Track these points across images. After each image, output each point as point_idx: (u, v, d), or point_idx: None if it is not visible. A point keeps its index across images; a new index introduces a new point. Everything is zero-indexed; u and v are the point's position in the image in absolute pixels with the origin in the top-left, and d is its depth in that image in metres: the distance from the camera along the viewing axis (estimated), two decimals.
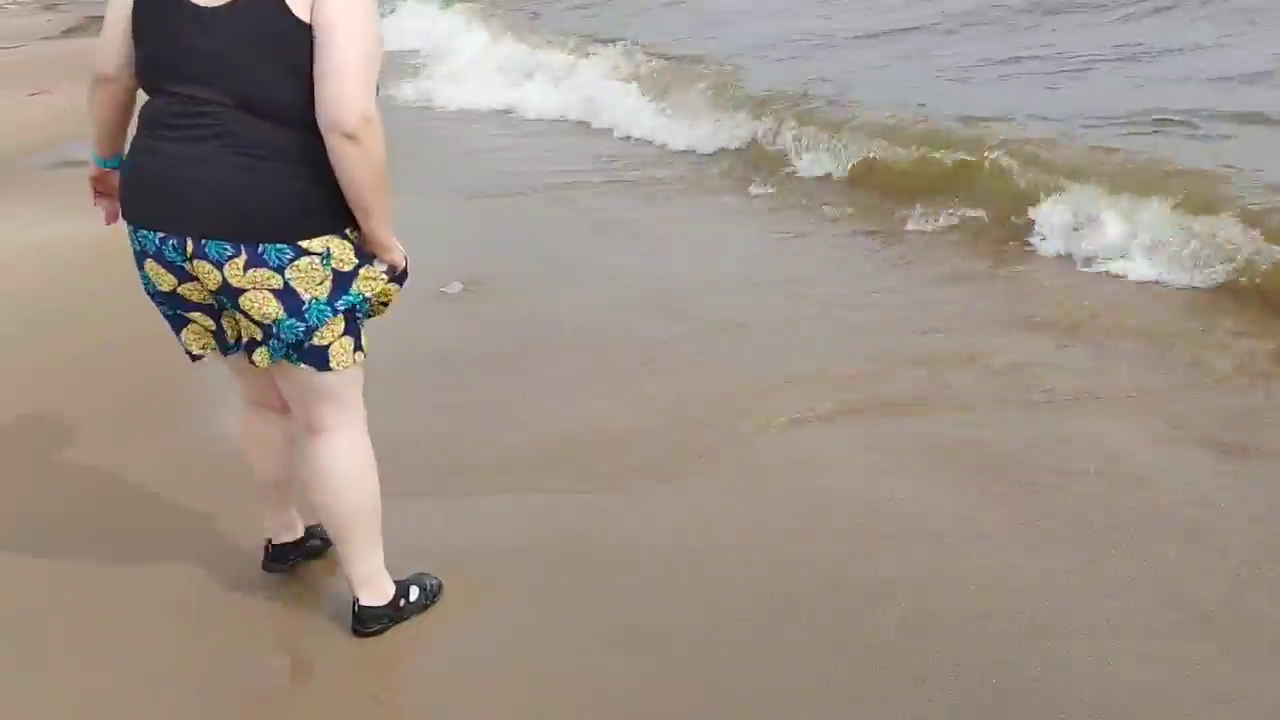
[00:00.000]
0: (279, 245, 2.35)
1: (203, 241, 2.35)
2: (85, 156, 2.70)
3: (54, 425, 4.14)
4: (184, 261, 2.39)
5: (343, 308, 2.47)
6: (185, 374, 3.25)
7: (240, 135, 2.33)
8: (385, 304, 2.66)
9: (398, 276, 2.56)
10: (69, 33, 17.35)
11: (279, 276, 2.37)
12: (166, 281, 2.46)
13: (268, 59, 2.31)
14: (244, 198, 2.34)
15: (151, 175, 2.42)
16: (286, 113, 2.31)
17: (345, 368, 2.53)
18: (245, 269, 2.35)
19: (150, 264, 2.45)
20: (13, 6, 23.82)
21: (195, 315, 2.55)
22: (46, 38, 17.18)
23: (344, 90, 2.25)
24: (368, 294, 2.51)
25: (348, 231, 2.43)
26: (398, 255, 2.51)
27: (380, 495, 2.71)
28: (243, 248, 2.34)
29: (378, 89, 2.36)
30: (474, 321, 4.98)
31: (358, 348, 2.56)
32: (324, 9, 2.27)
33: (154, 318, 2.68)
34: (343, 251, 2.43)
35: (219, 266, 2.36)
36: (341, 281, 2.45)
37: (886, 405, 3.95)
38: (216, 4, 2.31)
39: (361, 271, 2.48)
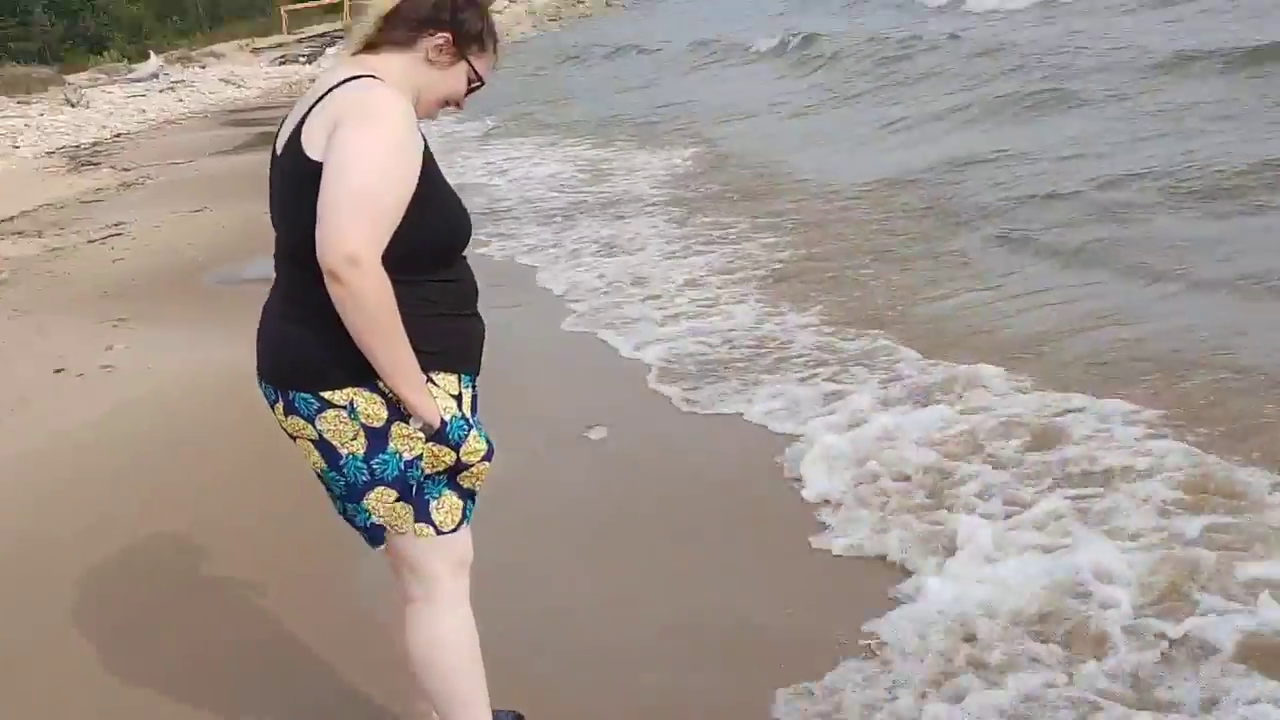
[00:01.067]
0: (304, 394, 2.31)
1: (262, 383, 2.41)
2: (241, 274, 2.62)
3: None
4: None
5: (382, 469, 2.33)
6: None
7: (286, 281, 2.38)
8: (469, 481, 2.45)
9: (441, 438, 2.33)
10: (240, 149, 18.09)
11: (312, 427, 2.33)
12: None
13: (297, 205, 2.25)
14: (279, 343, 2.37)
15: None
16: (313, 259, 2.18)
17: (405, 534, 2.42)
18: (285, 414, 2.36)
19: None
20: (187, 121, 25.15)
21: None
22: (219, 152, 17.94)
23: (327, 226, 2.13)
24: (409, 455, 2.34)
25: (380, 384, 2.27)
26: (426, 412, 2.30)
27: (472, 675, 2.54)
28: (279, 393, 2.35)
29: (428, 244, 2.28)
30: (616, 472, 4.70)
31: (422, 519, 2.41)
32: (330, 147, 2.18)
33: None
34: (369, 405, 2.30)
35: (273, 408, 2.39)
36: (375, 439, 2.31)
37: None
38: (280, 150, 2.32)
39: (394, 429, 2.32)
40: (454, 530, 2.46)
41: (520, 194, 11.65)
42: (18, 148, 21.64)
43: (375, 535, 2.45)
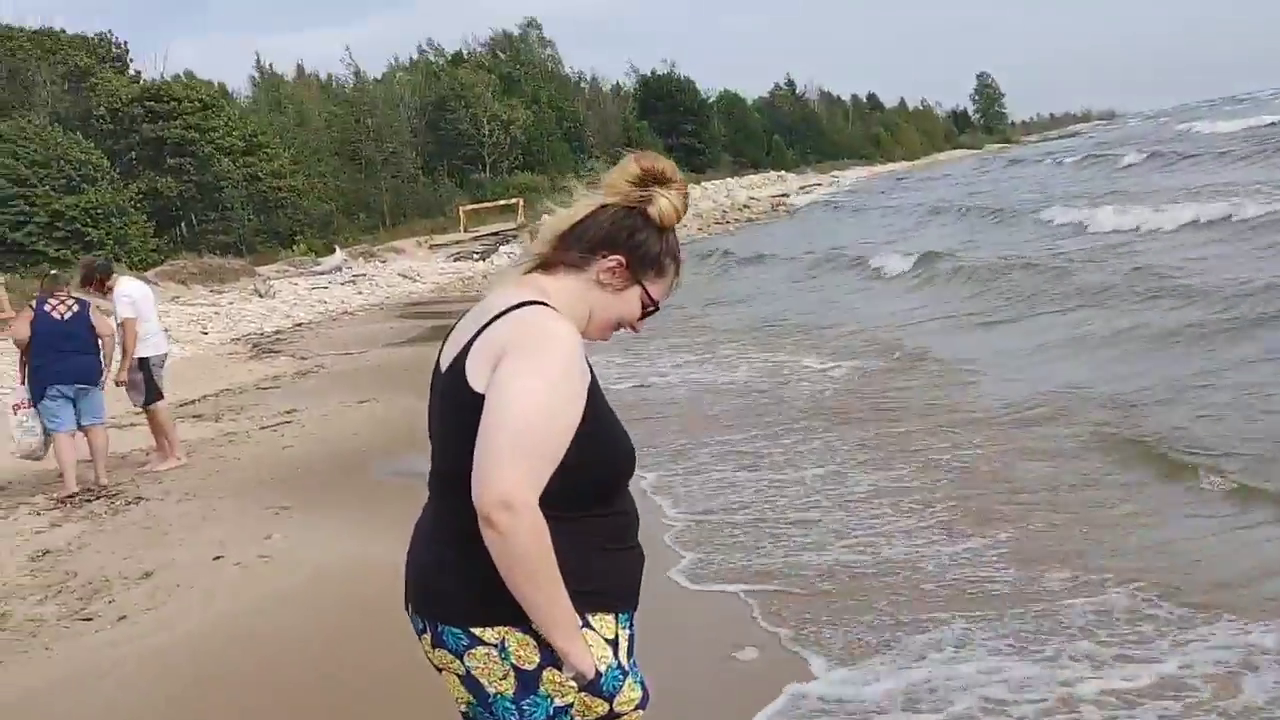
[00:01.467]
0: (453, 629, 2.21)
1: (409, 612, 2.33)
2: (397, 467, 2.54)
3: None
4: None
5: (531, 711, 2.19)
6: None
7: (440, 510, 2.29)
8: None
9: (594, 689, 2.19)
10: (410, 341, 18.76)
11: (459, 662, 2.23)
12: None
13: (455, 432, 2.19)
14: (429, 574, 2.27)
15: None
16: (468, 490, 2.10)
17: None
18: (433, 646, 2.27)
19: None
20: (364, 312, 26.33)
21: None
22: (391, 344, 18.62)
23: (484, 468, 2.06)
24: (559, 702, 2.19)
25: (532, 625, 2.16)
26: (581, 664, 2.16)
27: None
28: (427, 624, 2.26)
29: (596, 487, 2.21)
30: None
31: None
32: (494, 376, 2.12)
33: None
34: (522, 647, 2.18)
35: (420, 637, 2.31)
36: (526, 681, 2.19)
37: None
38: (444, 368, 2.27)
39: (545, 674, 2.19)
40: None
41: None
42: (206, 334, 22.92)
43: None
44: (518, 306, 2.21)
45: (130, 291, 9.95)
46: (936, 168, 67.64)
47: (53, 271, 11.23)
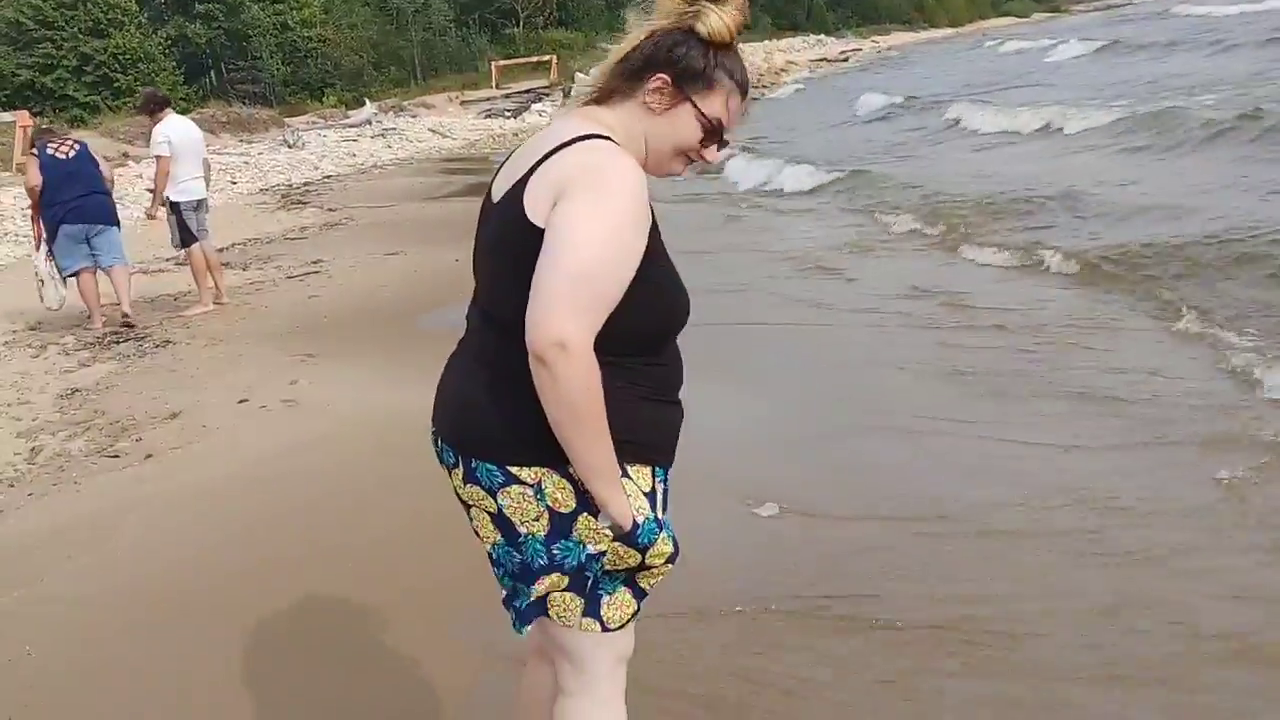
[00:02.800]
0: (489, 465, 2.16)
1: (440, 444, 2.29)
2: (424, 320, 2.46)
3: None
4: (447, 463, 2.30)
5: (562, 556, 2.16)
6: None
7: (482, 345, 2.23)
8: (647, 581, 2.28)
9: (630, 540, 2.15)
10: (441, 197, 18.59)
11: (491, 499, 2.18)
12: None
13: (510, 267, 2.10)
14: (466, 408, 2.21)
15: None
16: (517, 326, 2.01)
17: (570, 626, 2.24)
18: (465, 482, 2.22)
19: None
20: (393, 166, 26.09)
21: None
22: (420, 198, 18.45)
23: (541, 307, 1.96)
24: (591, 549, 2.16)
25: (572, 469, 2.10)
26: (619, 514, 2.11)
27: None
28: (460, 458, 2.21)
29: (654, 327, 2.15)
30: (789, 557, 4.37)
31: (591, 614, 2.24)
32: (554, 214, 2.02)
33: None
34: (559, 490, 2.13)
35: (450, 472, 2.27)
36: (559, 524, 2.14)
37: None
38: (497, 199, 2.18)
39: (580, 519, 2.14)
40: (620, 629, 2.28)
41: None
42: (235, 183, 22.79)
43: (526, 617, 2.27)
44: (581, 139, 2.10)
45: (170, 131, 9.84)
46: (965, 39, 64.90)
47: (48, 123, 11.20)
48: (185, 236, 9.98)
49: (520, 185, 2.10)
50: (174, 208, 9.94)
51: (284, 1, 48.90)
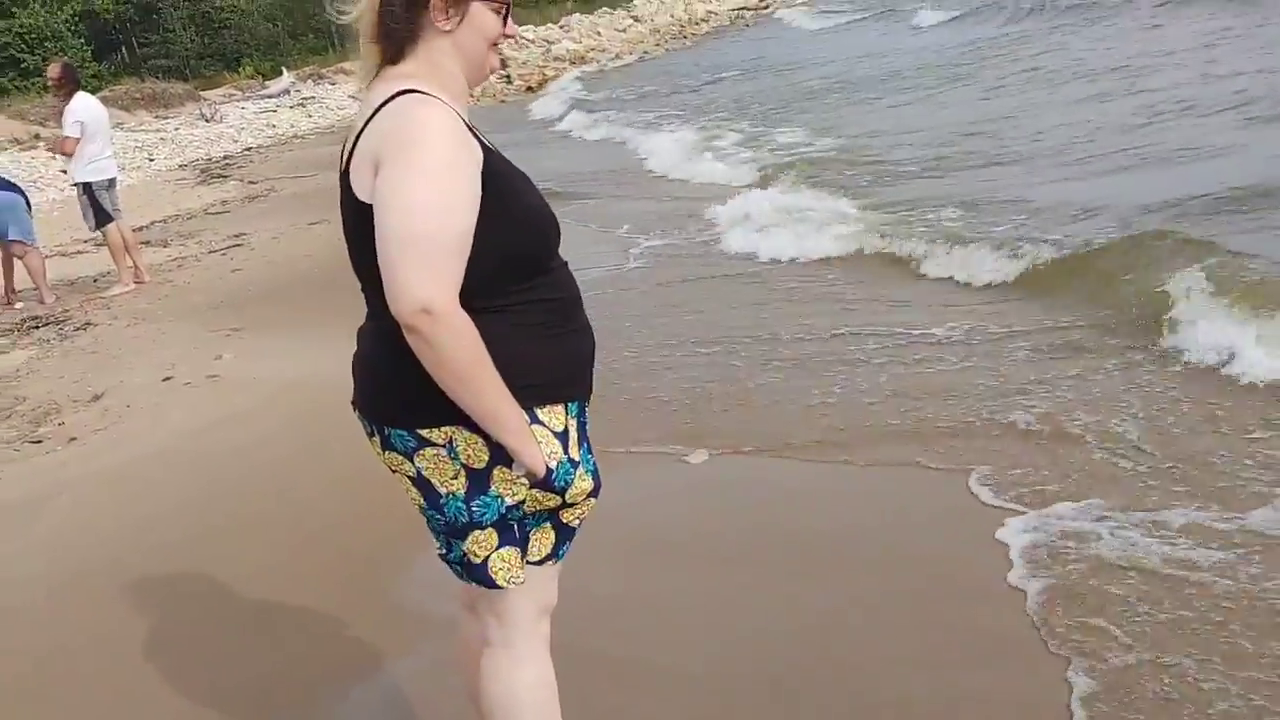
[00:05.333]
0: (399, 430, 2.16)
1: (356, 413, 2.28)
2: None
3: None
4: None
5: (482, 512, 2.17)
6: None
7: (373, 313, 2.20)
8: (571, 517, 2.29)
9: (546, 485, 2.16)
10: None
11: (409, 463, 2.18)
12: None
13: (355, 242, 2.12)
14: (371, 377, 2.22)
15: None
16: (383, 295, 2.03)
17: (515, 583, 2.25)
18: (383, 449, 2.22)
19: None
20: (315, 136, 25.71)
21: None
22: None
23: (392, 281, 1.97)
24: (511, 500, 2.17)
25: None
26: (530, 460, 2.11)
27: None
28: (375, 427, 2.21)
29: (507, 274, 2.11)
30: (716, 503, 4.42)
31: (528, 559, 2.27)
32: (376, 186, 2.03)
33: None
34: (470, 446, 2.12)
35: (370, 440, 2.26)
36: (476, 480, 2.15)
37: None
38: (339, 177, 2.16)
39: (496, 472, 2.14)
40: (539, 563, 2.29)
41: None
42: (152, 160, 22.39)
43: (474, 576, 2.27)
44: (385, 103, 2.08)
45: (81, 111, 9.63)
46: None
47: None
48: (100, 217, 9.79)
49: (347, 164, 2.11)
50: (86, 189, 9.75)
51: None
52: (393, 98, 2.08)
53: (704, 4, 54.15)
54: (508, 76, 33.02)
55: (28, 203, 9.90)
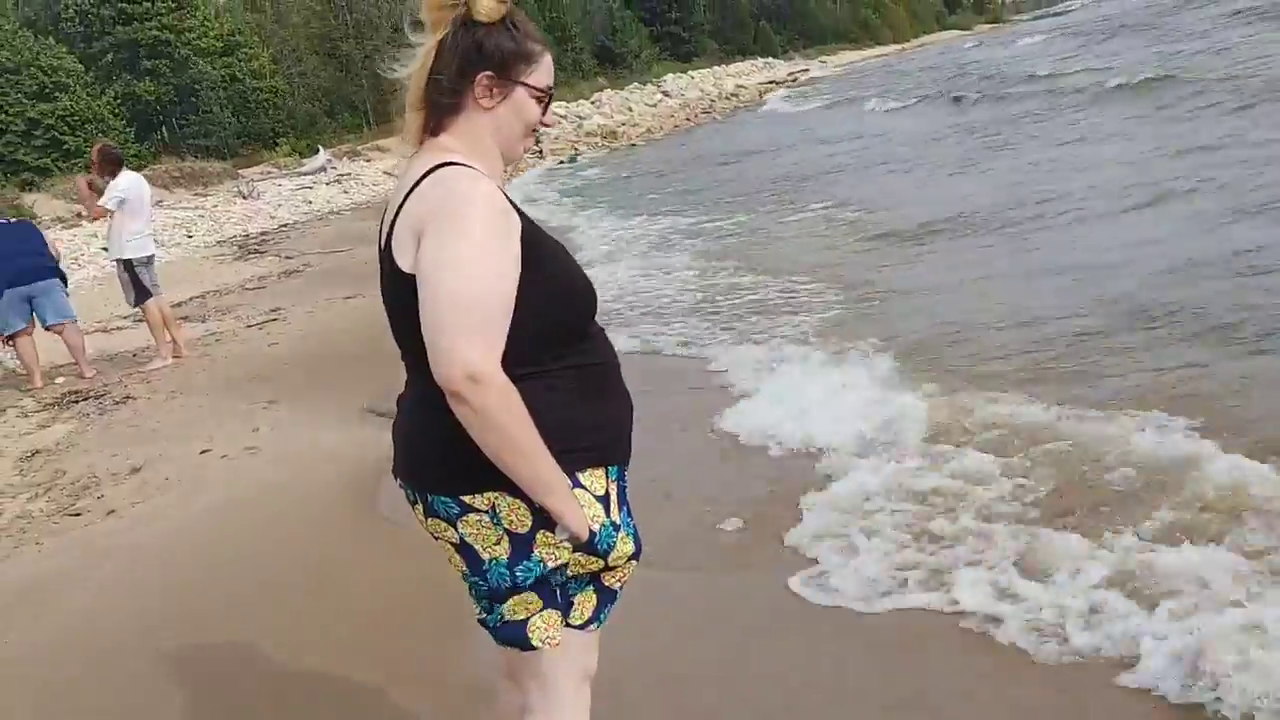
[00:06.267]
0: (443, 497, 2.18)
1: (398, 482, 2.30)
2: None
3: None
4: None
5: (524, 577, 2.17)
6: None
7: (412, 382, 2.24)
8: (613, 580, 2.31)
9: (589, 549, 2.18)
10: None
11: (453, 530, 2.20)
12: None
13: (398, 312, 2.17)
14: (413, 444, 2.24)
15: None
16: (427, 366, 2.05)
17: (550, 644, 2.25)
18: (426, 516, 2.24)
19: None
20: (350, 212, 26.07)
21: None
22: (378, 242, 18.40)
23: (436, 349, 2.01)
24: (553, 564, 2.18)
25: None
26: (573, 525, 2.13)
27: None
28: (417, 494, 2.24)
29: (545, 341, 2.13)
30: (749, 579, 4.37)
31: (569, 622, 2.27)
32: (419, 256, 2.07)
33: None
34: (513, 511, 2.14)
35: (414, 508, 2.29)
36: (519, 545, 2.16)
37: None
38: (380, 248, 2.20)
39: (539, 536, 2.15)
40: (582, 626, 2.29)
41: None
42: (191, 236, 22.75)
43: (502, 636, 2.28)
44: (427, 174, 2.13)
45: (125, 188, 9.80)
46: (909, 54, 65.49)
47: None
48: (140, 293, 9.94)
49: (389, 235, 2.15)
50: (127, 265, 9.91)
51: (232, 55, 48.85)
52: (432, 170, 2.13)
53: (734, 79, 54.83)
54: (539, 151, 33.49)
55: (64, 279, 10.08)
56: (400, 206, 2.15)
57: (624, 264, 12.03)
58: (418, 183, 2.14)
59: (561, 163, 31.80)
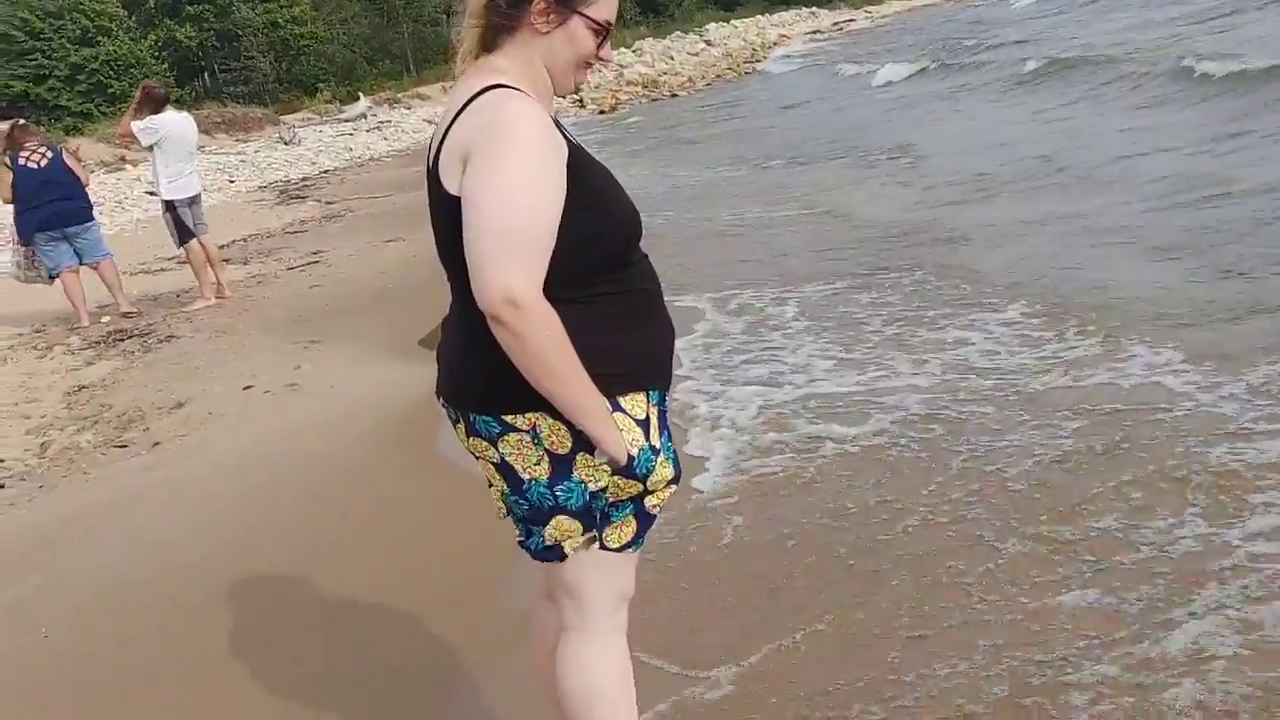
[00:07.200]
0: (485, 417, 2.19)
1: (443, 402, 2.32)
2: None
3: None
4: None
5: (565, 498, 2.19)
6: None
7: (460, 303, 2.22)
8: (653, 506, 2.30)
9: (628, 472, 2.18)
10: None
11: (494, 449, 2.21)
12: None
13: (445, 235, 2.17)
14: (456, 364, 2.26)
15: None
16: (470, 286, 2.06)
17: (580, 552, 2.27)
18: (468, 435, 2.25)
19: None
20: (390, 158, 26.11)
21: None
22: (417, 187, 18.43)
23: (478, 272, 2.02)
24: (594, 486, 2.19)
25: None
26: (613, 449, 2.14)
27: (626, 713, 2.37)
28: (460, 414, 2.25)
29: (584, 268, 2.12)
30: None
31: (604, 545, 2.28)
32: (465, 179, 2.07)
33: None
34: (554, 432, 2.15)
35: (455, 428, 2.30)
36: (560, 466, 2.17)
37: None
38: (429, 169, 2.20)
39: (579, 459, 2.17)
40: (619, 550, 2.30)
41: None
42: (233, 182, 22.88)
43: (547, 557, 2.30)
44: (477, 95, 2.12)
45: (163, 125, 9.82)
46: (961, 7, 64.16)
47: (21, 121, 11.21)
48: (183, 233, 10.02)
49: (436, 156, 2.15)
50: (169, 206, 9.98)
51: (274, 1, 48.80)
52: (482, 92, 2.12)
53: (777, 28, 54.22)
54: (580, 100, 33.32)
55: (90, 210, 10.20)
56: (448, 128, 2.14)
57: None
58: (466, 104, 2.13)
59: (603, 112, 31.63)
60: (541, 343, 2.02)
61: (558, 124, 2.16)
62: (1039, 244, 7.88)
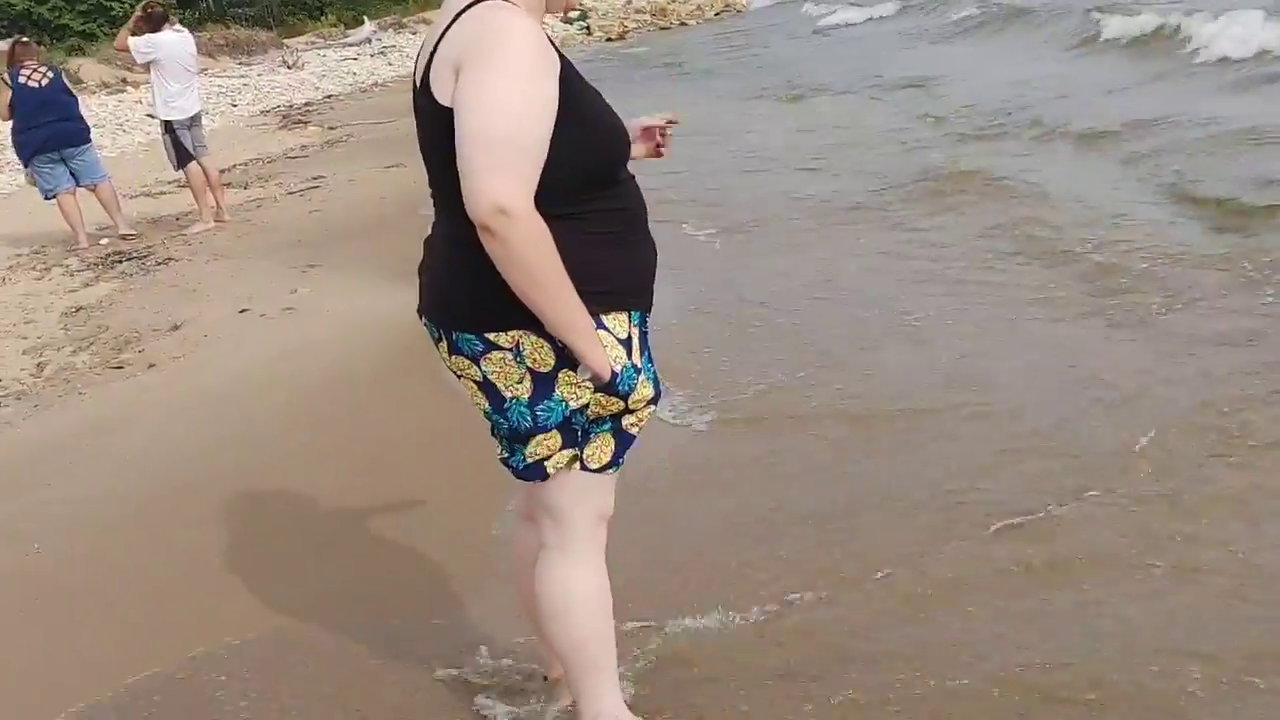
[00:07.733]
0: (467, 334, 2.19)
1: (425, 321, 2.31)
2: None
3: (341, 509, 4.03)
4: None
5: (546, 416, 2.20)
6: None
7: (441, 221, 2.25)
8: (632, 424, 2.31)
9: (610, 389, 2.19)
10: None
11: (476, 368, 2.22)
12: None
13: (433, 147, 2.14)
14: (439, 282, 2.26)
15: None
16: (460, 202, 2.03)
17: (561, 471, 2.28)
18: (450, 353, 2.26)
19: None
20: (395, 83, 25.85)
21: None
22: None
23: (469, 181, 1.99)
24: (575, 404, 2.19)
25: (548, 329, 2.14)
26: (596, 364, 2.13)
27: (602, 633, 2.42)
28: (442, 332, 2.25)
29: (576, 180, 2.11)
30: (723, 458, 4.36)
31: (585, 465, 2.29)
32: (457, 90, 2.04)
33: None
34: (537, 350, 2.16)
35: (437, 346, 2.30)
36: (541, 384, 2.18)
37: None
38: (417, 84, 2.18)
39: (561, 375, 2.17)
40: (599, 470, 2.31)
41: None
42: (235, 106, 22.67)
43: (524, 477, 2.33)
44: (467, 8, 2.09)
45: (161, 43, 9.74)
46: None
47: (24, 39, 11.06)
48: (182, 156, 9.96)
49: (427, 68, 2.12)
50: (167, 127, 9.91)
51: None
52: (474, 3, 2.10)
53: None
54: (587, 28, 32.92)
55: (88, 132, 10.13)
56: (439, 40, 2.12)
57: None
58: (457, 16, 2.10)
59: (610, 40, 31.15)
60: (530, 253, 2.01)
61: (550, 40, 2.13)
62: None
